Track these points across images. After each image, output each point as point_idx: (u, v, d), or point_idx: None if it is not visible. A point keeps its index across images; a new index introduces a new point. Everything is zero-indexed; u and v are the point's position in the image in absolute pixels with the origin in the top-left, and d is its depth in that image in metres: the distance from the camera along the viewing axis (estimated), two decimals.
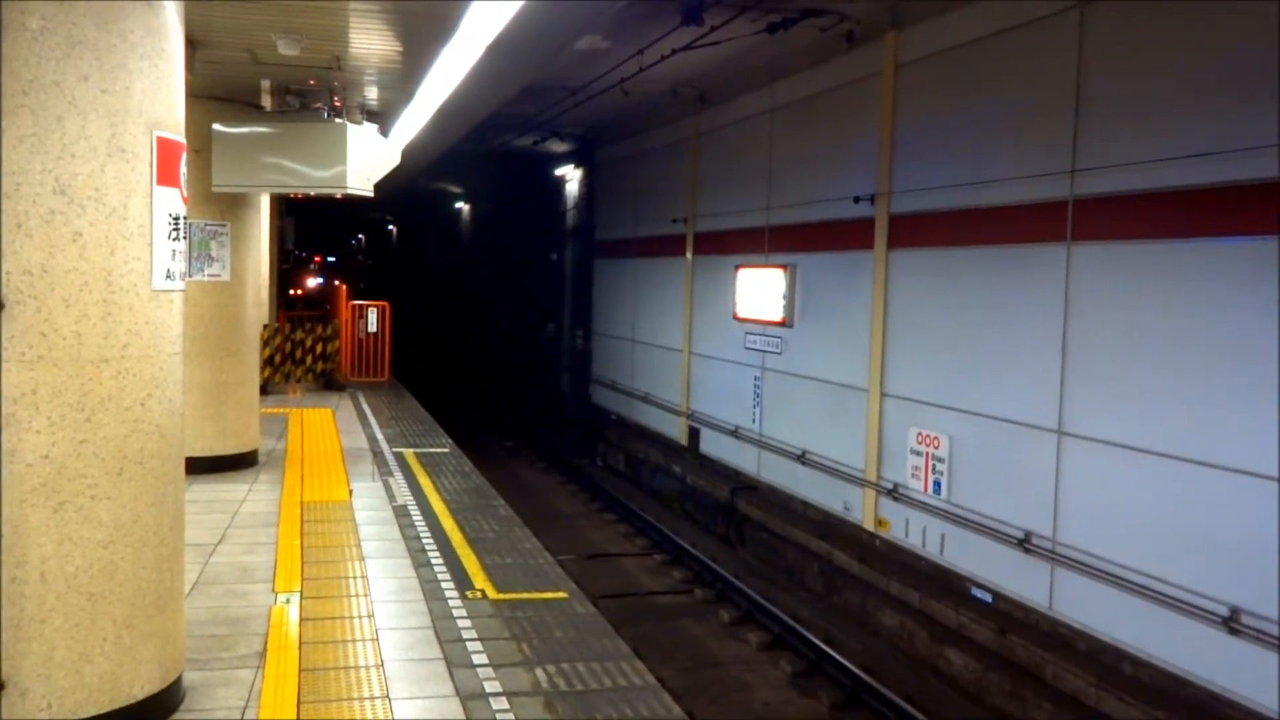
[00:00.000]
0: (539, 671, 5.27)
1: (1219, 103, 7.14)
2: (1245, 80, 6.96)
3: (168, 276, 4.46)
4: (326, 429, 12.92)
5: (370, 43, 7.61)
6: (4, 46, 3.87)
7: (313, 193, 10.05)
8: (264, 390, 13.49)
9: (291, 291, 35.93)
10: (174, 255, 4.51)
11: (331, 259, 61.53)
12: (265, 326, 15.63)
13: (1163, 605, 7.44)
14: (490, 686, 5.06)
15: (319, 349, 17.45)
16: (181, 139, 4.59)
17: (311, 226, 37.27)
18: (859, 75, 11.55)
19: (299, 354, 17.35)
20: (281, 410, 14.32)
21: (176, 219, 4.52)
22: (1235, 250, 7.02)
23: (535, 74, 8.97)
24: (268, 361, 16.40)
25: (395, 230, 55.12)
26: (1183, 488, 7.37)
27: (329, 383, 17.42)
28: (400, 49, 7.79)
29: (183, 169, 4.58)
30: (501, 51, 7.16)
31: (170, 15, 4.47)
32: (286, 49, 7.43)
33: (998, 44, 9.30)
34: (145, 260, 4.31)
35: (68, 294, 4.06)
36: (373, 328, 19.13)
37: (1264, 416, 6.79)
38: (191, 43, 7.36)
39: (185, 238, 4.65)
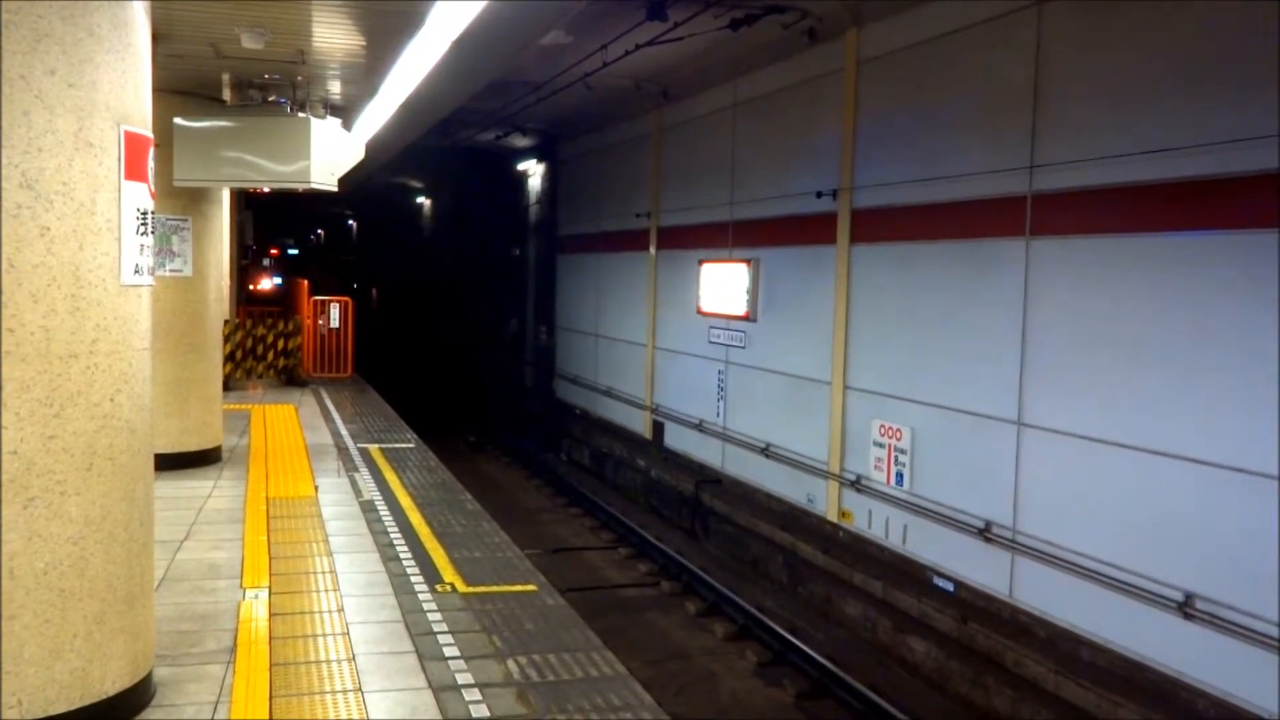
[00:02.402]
0: (511, 663, 5.31)
1: (1176, 99, 7.30)
2: (1202, 77, 7.13)
3: (136, 271, 4.44)
4: (290, 425, 12.84)
5: (335, 37, 7.58)
6: None
7: (267, 187, 9.94)
8: (225, 386, 13.37)
9: (252, 287, 35.40)
10: (142, 250, 4.49)
11: (294, 251, 55.54)
12: (226, 322, 15.48)
13: (1120, 592, 7.61)
14: (462, 679, 5.09)
15: (281, 345, 17.32)
16: (149, 133, 4.57)
17: (269, 221, 36.81)
18: (821, 72, 11.66)
19: (260, 350, 17.22)
20: (244, 406, 14.20)
21: (145, 214, 4.50)
22: (1191, 245, 7.19)
23: (502, 69, 8.97)
24: (229, 357, 16.25)
25: (355, 225, 54.68)
26: (1139, 477, 7.54)
27: (291, 379, 17.29)
28: (365, 43, 7.77)
29: (150, 163, 4.56)
30: (468, 47, 7.15)
31: (137, 9, 4.45)
32: (250, 43, 7.38)
33: (957, 41, 9.43)
34: (114, 255, 4.29)
35: (35, 289, 4.03)
36: (335, 323, 19.00)
37: (1218, 407, 6.97)
38: (154, 36, 7.29)
39: (153, 232, 4.63)
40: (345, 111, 10.70)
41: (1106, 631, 7.78)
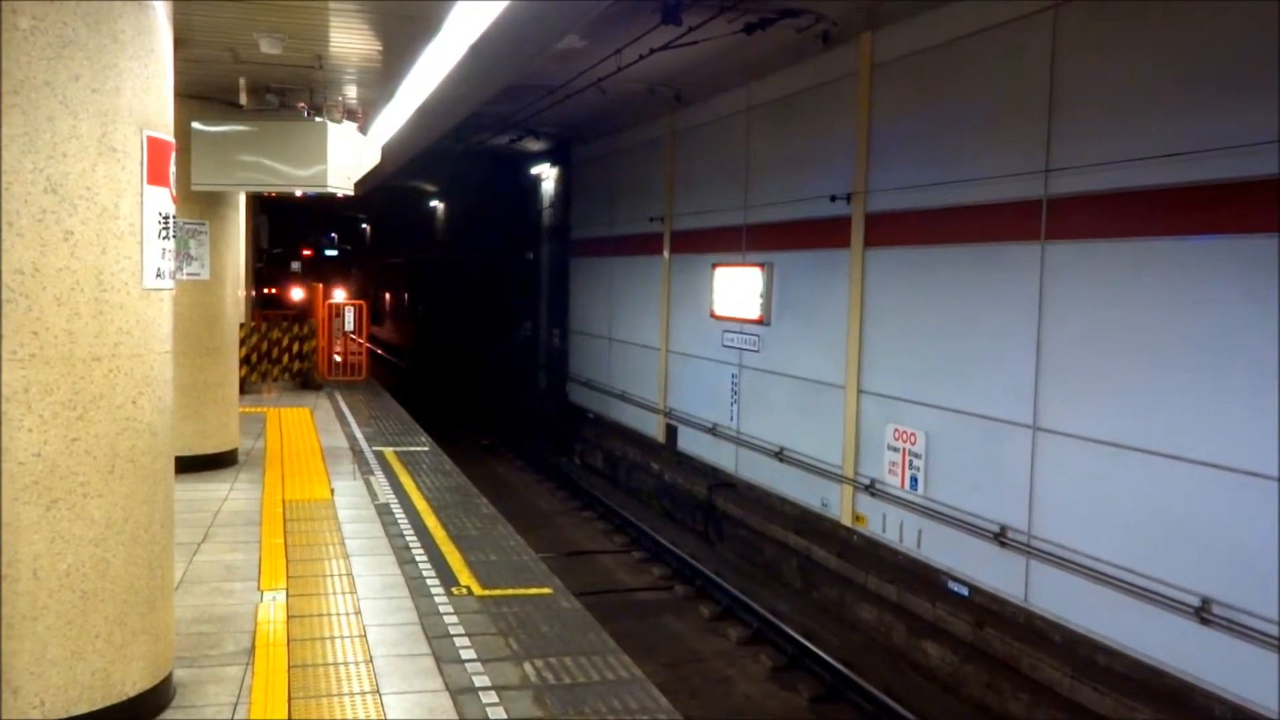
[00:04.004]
0: (527, 666, 5.33)
1: (1191, 103, 7.28)
2: (1216, 81, 7.11)
3: (158, 275, 4.48)
4: (305, 428, 12.89)
5: (352, 42, 7.61)
6: None
7: (299, 192, 10.00)
8: (241, 389, 13.45)
9: (269, 290, 34.91)
10: (164, 254, 4.53)
11: (333, 252, 45.16)
12: (242, 326, 15.56)
13: (1136, 597, 7.59)
14: (479, 681, 5.11)
15: (296, 348, 17.39)
16: (170, 138, 4.61)
17: (283, 224, 36.68)
18: (835, 75, 11.66)
19: (275, 353, 17.29)
20: (259, 409, 14.27)
21: (166, 218, 4.54)
22: (1206, 248, 7.17)
23: (517, 74, 9.00)
24: (244, 360, 16.33)
25: (369, 228, 54.73)
26: (1155, 481, 7.51)
27: (306, 382, 17.37)
28: (382, 48, 7.80)
29: (172, 168, 4.60)
30: (484, 52, 7.19)
31: (160, 15, 4.49)
32: (269, 48, 7.43)
33: (972, 45, 9.42)
34: (136, 259, 4.33)
35: (59, 293, 4.07)
36: (349, 327, 19.07)
37: (1235, 411, 6.94)
38: (174, 41, 7.35)
39: (174, 236, 4.67)
40: (361, 115, 10.74)
41: (1122, 636, 7.75)
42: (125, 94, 4.23)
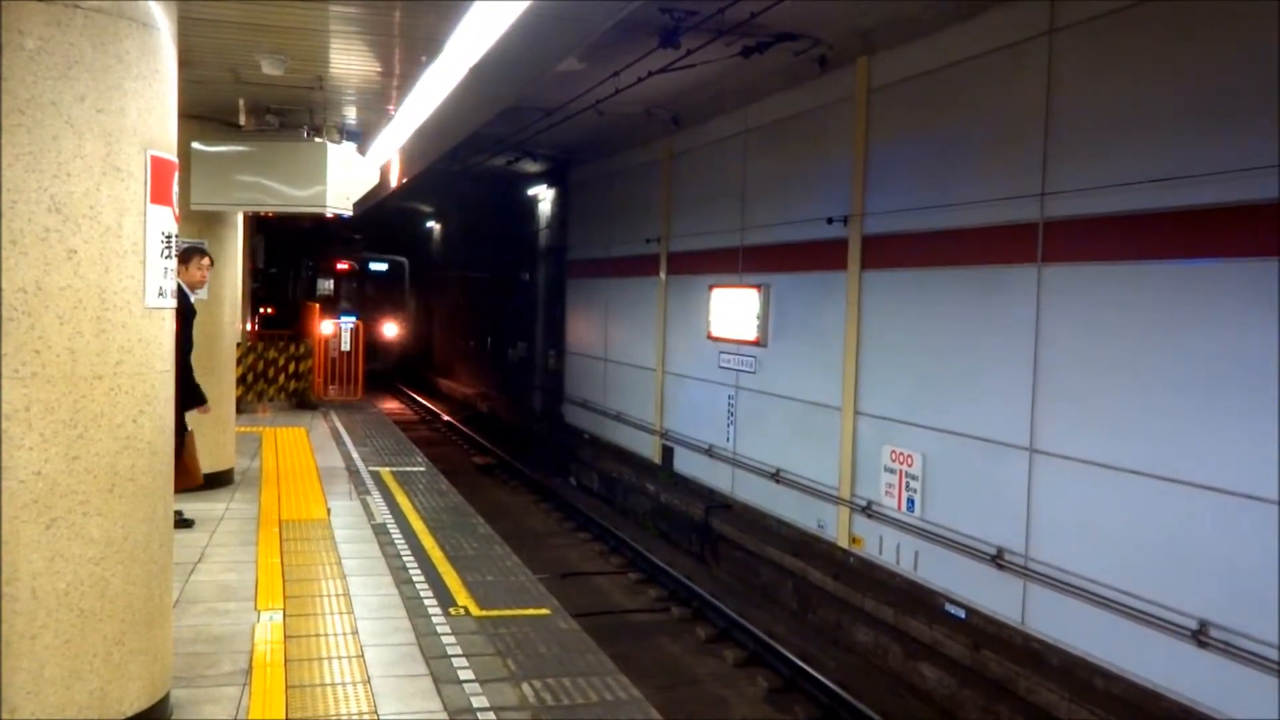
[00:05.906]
0: (525, 687, 5.31)
1: (1187, 128, 7.34)
2: (1212, 106, 7.17)
3: (160, 294, 4.48)
4: (301, 448, 12.87)
5: (353, 63, 7.66)
6: (1, 66, 3.90)
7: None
8: (237, 409, 13.42)
9: (263, 310, 33.46)
10: (166, 273, 4.54)
11: (381, 267, 32.32)
12: (238, 345, 15.55)
13: (1133, 619, 7.58)
14: (477, 702, 5.09)
15: (292, 368, 17.38)
16: (174, 158, 4.63)
17: (278, 244, 36.24)
18: (832, 99, 11.73)
19: (271, 373, 17.28)
20: (255, 429, 14.24)
21: (169, 237, 4.55)
22: (1202, 272, 7.21)
23: (517, 96, 9.04)
24: (240, 380, 16.30)
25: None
26: (1152, 504, 7.53)
27: (301, 401, 17.34)
28: (382, 69, 7.85)
29: (174, 188, 4.62)
30: (485, 74, 7.23)
31: (165, 36, 4.51)
32: (270, 69, 7.46)
33: (969, 69, 9.49)
34: (138, 278, 4.34)
35: (62, 311, 4.08)
36: (345, 346, 19.08)
37: (1232, 433, 6.97)
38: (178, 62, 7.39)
39: (176, 256, 4.68)
40: (360, 136, 10.79)
41: (1120, 659, 7.75)
42: (130, 114, 4.25)
